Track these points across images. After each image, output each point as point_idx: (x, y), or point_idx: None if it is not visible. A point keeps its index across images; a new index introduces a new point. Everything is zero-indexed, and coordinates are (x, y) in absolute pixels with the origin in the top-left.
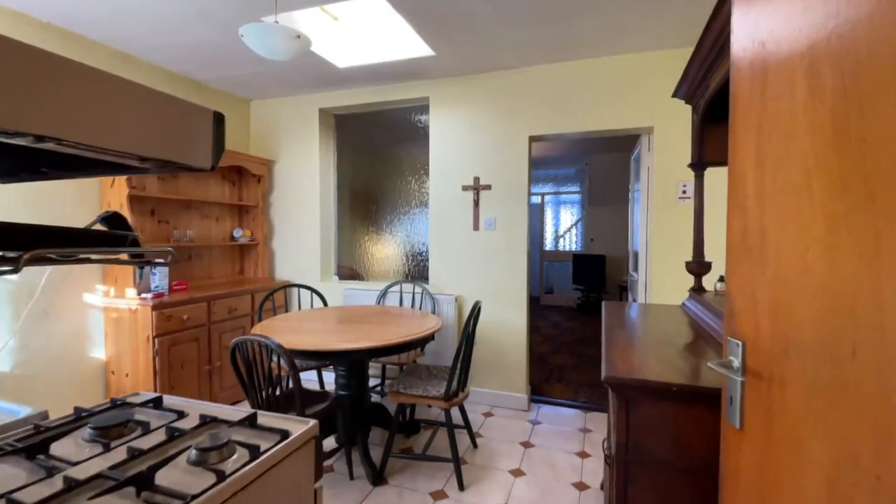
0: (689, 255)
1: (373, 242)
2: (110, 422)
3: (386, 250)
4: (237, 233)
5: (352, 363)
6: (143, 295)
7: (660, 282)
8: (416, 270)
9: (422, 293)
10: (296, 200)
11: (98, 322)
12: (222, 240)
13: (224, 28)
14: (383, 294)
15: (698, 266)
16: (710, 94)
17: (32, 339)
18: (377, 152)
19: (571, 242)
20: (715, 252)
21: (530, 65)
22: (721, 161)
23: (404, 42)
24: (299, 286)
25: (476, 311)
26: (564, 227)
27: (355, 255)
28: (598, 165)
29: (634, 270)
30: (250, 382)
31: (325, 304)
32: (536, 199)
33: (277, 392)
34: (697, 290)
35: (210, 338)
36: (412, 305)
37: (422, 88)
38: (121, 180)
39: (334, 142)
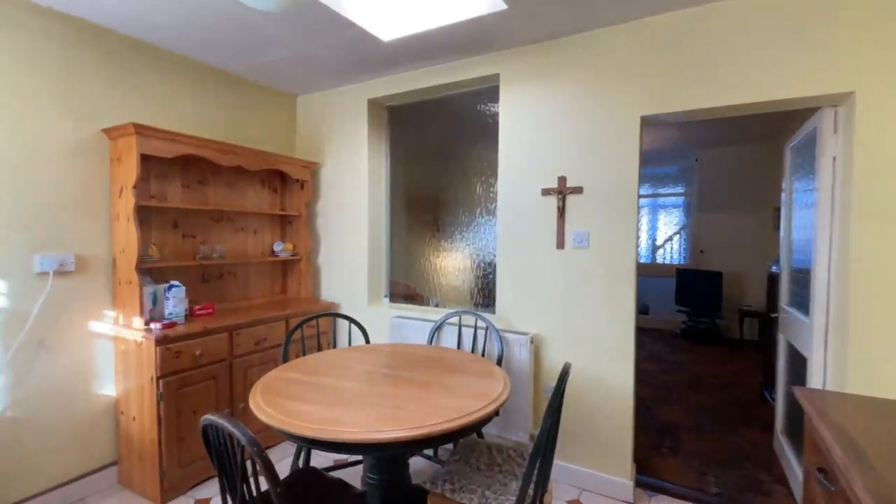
0: None
1: (434, 258)
2: None
3: (449, 268)
4: (277, 246)
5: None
6: (152, 325)
7: (863, 334)
8: (485, 293)
9: (486, 329)
10: (342, 209)
11: (108, 353)
12: (261, 255)
13: None
14: (438, 327)
15: None
16: None
17: (27, 376)
18: (440, 151)
19: (673, 254)
20: None
21: (641, 16)
22: None
23: None
24: (335, 315)
25: (564, 377)
26: (664, 236)
27: (413, 273)
28: (713, 161)
29: (793, 305)
30: (221, 478)
31: (367, 339)
32: None
33: (264, 490)
34: None
35: (232, 376)
36: (473, 344)
37: (489, 63)
38: (128, 189)
39: (387, 140)
